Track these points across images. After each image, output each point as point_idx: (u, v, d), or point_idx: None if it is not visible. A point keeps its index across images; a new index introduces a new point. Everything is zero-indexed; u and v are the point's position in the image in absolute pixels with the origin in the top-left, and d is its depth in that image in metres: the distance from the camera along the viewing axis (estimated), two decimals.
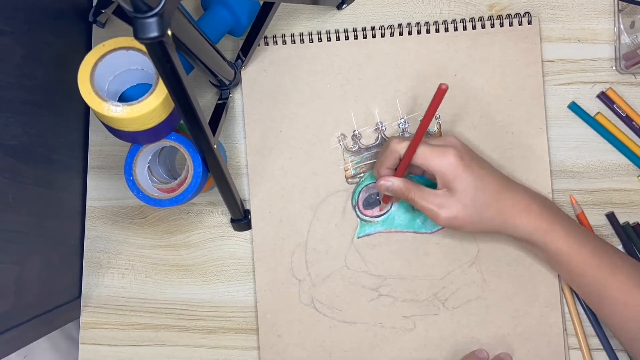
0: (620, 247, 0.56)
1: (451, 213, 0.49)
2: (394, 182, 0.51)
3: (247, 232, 0.59)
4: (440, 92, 0.46)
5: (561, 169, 0.57)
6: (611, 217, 0.56)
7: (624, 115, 0.57)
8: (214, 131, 0.51)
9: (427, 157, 0.49)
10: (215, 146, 0.47)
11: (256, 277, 0.57)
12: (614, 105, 0.57)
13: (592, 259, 0.49)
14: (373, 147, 0.58)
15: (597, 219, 0.57)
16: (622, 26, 0.57)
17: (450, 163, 0.48)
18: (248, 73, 0.58)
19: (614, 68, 0.58)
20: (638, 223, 0.56)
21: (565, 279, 0.53)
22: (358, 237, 0.57)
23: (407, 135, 0.57)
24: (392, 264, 0.57)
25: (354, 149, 0.58)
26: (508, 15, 0.57)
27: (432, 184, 0.53)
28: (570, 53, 0.58)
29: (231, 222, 0.58)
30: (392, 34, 0.58)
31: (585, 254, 0.49)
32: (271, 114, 0.58)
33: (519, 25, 0.57)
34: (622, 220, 0.57)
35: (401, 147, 0.50)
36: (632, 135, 0.57)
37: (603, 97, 0.57)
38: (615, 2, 0.58)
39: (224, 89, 0.57)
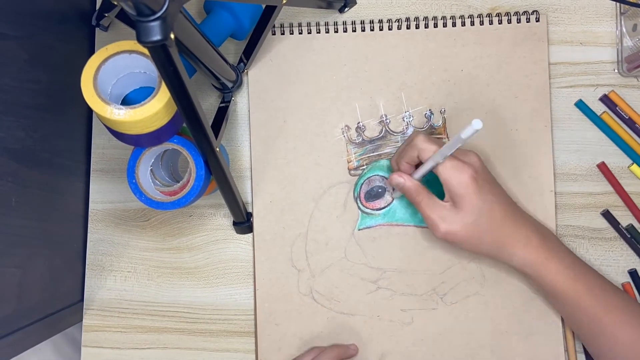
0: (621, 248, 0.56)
1: (451, 228, 0.49)
2: (406, 182, 0.51)
3: (250, 235, 0.59)
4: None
5: (563, 171, 0.57)
6: (607, 215, 0.56)
7: (626, 117, 0.57)
8: (216, 134, 0.51)
9: (443, 169, 0.49)
10: (217, 149, 0.47)
11: (256, 266, 0.57)
12: (617, 108, 0.57)
13: (587, 295, 0.49)
14: (376, 139, 0.58)
15: (600, 222, 0.57)
16: (624, 29, 0.57)
17: (462, 181, 0.48)
18: (255, 63, 0.58)
19: (616, 71, 0.58)
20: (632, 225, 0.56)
21: (560, 312, 0.53)
22: (359, 230, 0.57)
23: (411, 129, 0.57)
24: (391, 257, 0.57)
25: (357, 141, 0.58)
26: (516, 13, 0.57)
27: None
28: (573, 56, 0.58)
29: (233, 225, 0.58)
30: (399, 27, 0.58)
31: (580, 290, 0.49)
32: (276, 103, 0.58)
33: (527, 22, 0.57)
34: (625, 223, 0.56)
35: (424, 148, 0.49)
36: (635, 137, 0.57)
37: (606, 99, 0.57)
38: (618, 5, 0.58)
39: (227, 92, 0.57)
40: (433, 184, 0.54)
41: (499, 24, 0.57)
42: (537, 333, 0.55)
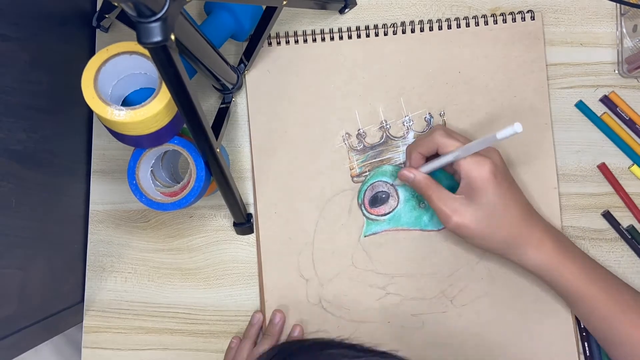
0: (621, 248, 0.56)
1: (462, 221, 0.49)
2: (415, 176, 0.51)
3: (250, 236, 0.59)
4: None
5: (564, 172, 0.57)
6: (608, 216, 0.56)
7: (627, 118, 0.57)
8: (216, 135, 0.51)
9: (464, 161, 0.48)
10: (217, 150, 0.47)
11: (264, 277, 0.57)
12: (617, 109, 0.57)
13: (602, 296, 0.49)
14: (378, 145, 0.58)
15: (600, 223, 0.57)
16: (624, 30, 0.57)
17: (482, 175, 0.48)
18: (252, 74, 0.59)
19: (616, 72, 0.58)
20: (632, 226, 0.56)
21: (576, 314, 0.53)
22: (365, 236, 0.57)
23: (412, 133, 0.57)
24: (399, 262, 0.57)
25: (359, 148, 0.58)
26: (511, 13, 0.57)
27: (452, 182, 0.53)
28: (573, 57, 0.58)
29: (234, 225, 0.58)
30: (395, 32, 0.58)
31: (595, 291, 0.49)
32: (276, 114, 0.58)
33: (522, 21, 0.57)
34: (625, 224, 0.56)
35: (444, 144, 0.49)
36: (635, 138, 0.57)
37: (606, 100, 0.57)
38: (618, 6, 0.58)
39: (227, 93, 0.57)
40: (441, 179, 0.54)
41: (495, 24, 0.57)
42: (549, 332, 0.55)
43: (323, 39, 0.59)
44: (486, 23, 0.57)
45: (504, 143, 0.57)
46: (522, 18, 0.57)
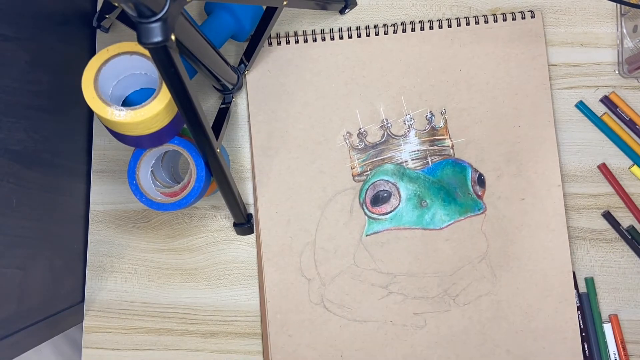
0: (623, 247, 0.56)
1: None
2: None
3: (250, 236, 0.59)
4: None
5: (564, 172, 0.57)
6: (608, 217, 0.56)
7: (627, 119, 0.57)
8: (216, 135, 0.51)
9: None
10: (218, 150, 0.47)
11: (265, 278, 0.57)
12: (617, 109, 0.57)
13: None
14: (379, 144, 0.58)
15: (601, 223, 0.57)
16: (624, 30, 0.57)
17: None
18: (252, 74, 0.59)
19: (616, 72, 0.58)
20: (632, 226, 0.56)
21: None
22: (366, 235, 0.57)
23: (413, 132, 0.57)
24: (401, 261, 0.57)
25: (360, 147, 0.58)
26: (512, 12, 0.58)
27: (447, 191, 0.52)
28: (573, 57, 0.58)
29: (234, 226, 0.58)
30: (395, 32, 0.58)
31: None
32: (276, 114, 0.58)
33: (522, 19, 0.57)
34: (625, 224, 0.56)
35: None
36: (636, 139, 0.57)
37: (606, 101, 0.57)
38: (618, 6, 0.58)
39: (227, 93, 0.57)
40: (444, 184, 0.54)
41: (495, 22, 0.58)
42: (553, 330, 0.55)
43: (323, 39, 0.59)
44: (486, 21, 0.58)
45: (505, 140, 0.57)
46: (522, 17, 0.57)
